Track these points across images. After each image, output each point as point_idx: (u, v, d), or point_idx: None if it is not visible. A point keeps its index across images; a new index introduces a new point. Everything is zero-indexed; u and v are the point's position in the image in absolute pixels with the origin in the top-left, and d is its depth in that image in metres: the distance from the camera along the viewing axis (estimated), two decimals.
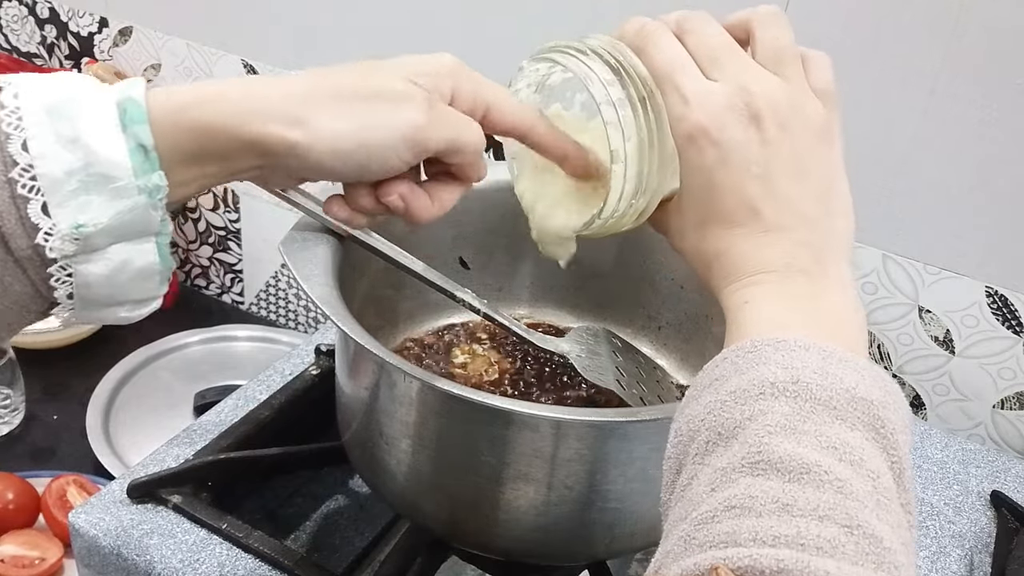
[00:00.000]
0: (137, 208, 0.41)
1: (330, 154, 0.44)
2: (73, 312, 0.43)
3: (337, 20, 0.99)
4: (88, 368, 1.04)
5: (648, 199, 0.47)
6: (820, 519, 0.31)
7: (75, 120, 0.39)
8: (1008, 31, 0.72)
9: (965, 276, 0.81)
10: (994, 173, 0.77)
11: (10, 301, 0.41)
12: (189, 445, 0.72)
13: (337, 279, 0.56)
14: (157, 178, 0.41)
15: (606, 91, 0.44)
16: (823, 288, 0.41)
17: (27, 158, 0.39)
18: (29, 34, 1.24)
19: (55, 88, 0.40)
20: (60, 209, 0.39)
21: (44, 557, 0.85)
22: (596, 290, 0.76)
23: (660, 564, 0.33)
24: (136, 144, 0.40)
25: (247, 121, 0.42)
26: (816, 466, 0.32)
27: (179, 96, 0.42)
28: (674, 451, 0.39)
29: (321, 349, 0.81)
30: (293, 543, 0.74)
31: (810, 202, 0.42)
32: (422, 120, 0.45)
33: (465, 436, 0.55)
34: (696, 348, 0.73)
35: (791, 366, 0.36)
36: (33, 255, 0.40)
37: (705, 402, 0.37)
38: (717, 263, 0.43)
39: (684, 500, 0.35)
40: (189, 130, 0.42)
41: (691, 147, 0.43)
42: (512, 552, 0.60)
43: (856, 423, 0.35)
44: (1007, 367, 0.83)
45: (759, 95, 0.42)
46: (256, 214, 1.17)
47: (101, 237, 0.40)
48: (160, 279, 0.44)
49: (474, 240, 0.73)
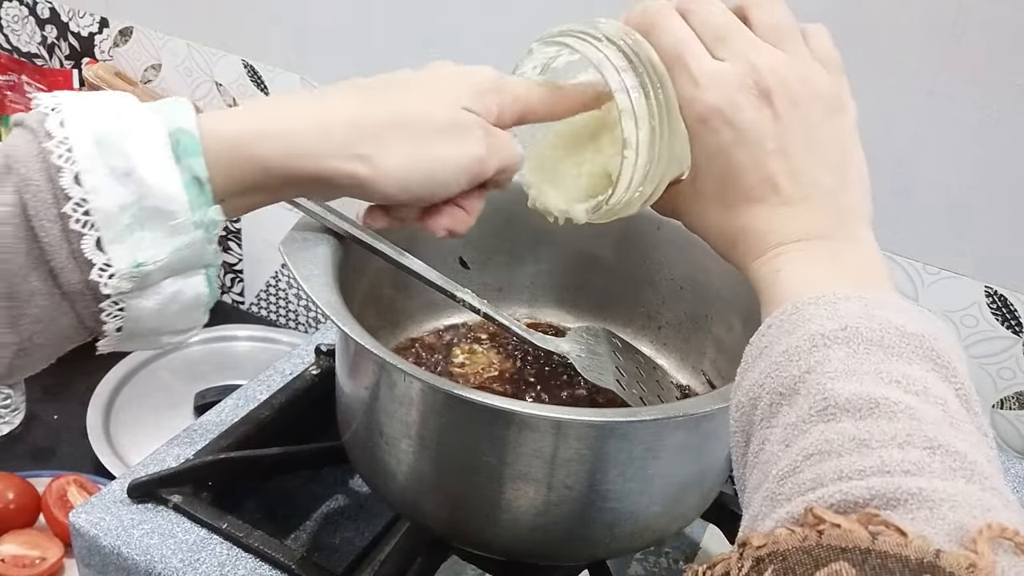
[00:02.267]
0: (194, 244, 0.40)
1: (395, 188, 0.44)
2: (117, 343, 0.42)
3: (337, 20, 0.99)
4: (88, 368, 1.04)
5: (655, 185, 0.47)
6: (900, 446, 0.31)
7: (127, 152, 0.38)
8: (1007, 31, 0.72)
9: (964, 276, 0.81)
10: (994, 173, 0.77)
11: (53, 335, 0.40)
12: (189, 445, 0.72)
13: (337, 279, 0.56)
14: (213, 212, 0.40)
15: (620, 78, 0.44)
16: (848, 248, 0.42)
17: (80, 192, 0.37)
18: (29, 34, 1.24)
19: (102, 114, 0.39)
20: (115, 245, 0.38)
21: (44, 557, 0.85)
22: (596, 290, 0.76)
23: (749, 529, 0.32)
24: (191, 177, 0.39)
25: (309, 158, 0.42)
26: (884, 399, 0.32)
27: (233, 126, 0.41)
28: (738, 424, 0.38)
29: (321, 349, 0.81)
30: (293, 543, 0.74)
31: (827, 171, 0.43)
32: (482, 153, 0.45)
33: (465, 436, 0.55)
34: (696, 348, 0.73)
35: (836, 316, 0.36)
36: (84, 290, 0.39)
37: (760, 369, 0.37)
38: (741, 240, 0.44)
39: (760, 464, 0.35)
40: (247, 163, 0.41)
41: (705, 128, 0.43)
42: (512, 552, 0.60)
43: (913, 357, 0.35)
44: (1006, 367, 0.83)
45: (768, 72, 0.42)
46: (256, 214, 1.16)
47: (158, 274, 0.40)
48: (206, 309, 0.44)
49: (474, 240, 0.73)
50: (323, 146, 0.42)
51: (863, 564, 0.27)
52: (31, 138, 0.38)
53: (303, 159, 0.42)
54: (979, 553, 0.26)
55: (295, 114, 0.43)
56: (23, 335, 0.39)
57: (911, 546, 0.27)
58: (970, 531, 0.27)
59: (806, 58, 0.43)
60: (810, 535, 0.28)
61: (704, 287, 0.70)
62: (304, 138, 0.42)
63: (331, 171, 0.42)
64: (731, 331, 0.69)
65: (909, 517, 0.28)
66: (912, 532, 0.27)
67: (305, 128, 0.43)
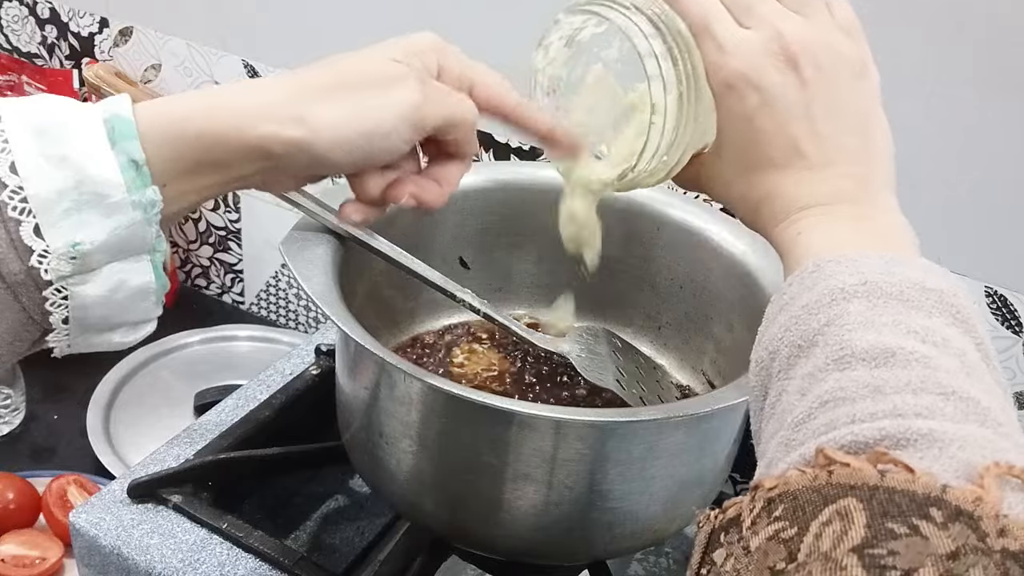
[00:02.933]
0: (133, 224, 0.40)
1: (333, 145, 0.44)
2: (68, 338, 0.43)
3: (337, 20, 0.99)
4: (88, 368, 1.04)
5: (680, 154, 0.47)
6: (914, 392, 0.31)
7: (63, 139, 0.39)
8: (1008, 31, 0.72)
9: (964, 276, 0.81)
10: (994, 173, 0.77)
11: (2, 330, 0.40)
12: (189, 445, 0.72)
13: (337, 279, 0.56)
14: (151, 193, 0.40)
15: (648, 44, 0.44)
16: (871, 212, 0.42)
17: (16, 180, 0.38)
18: (29, 34, 1.24)
19: (39, 109, 0.40)
20: (53, 229, 0.39)
21: (44, 557, 0.85)
22: (596, 290, 0.76)
23: (762, 475, 0.33)
24: (127, 160, 0.40)
25: (245, 126, 0.42)
26: (900, 348, 0.33)
27: (168, 109, 0.42)
28: (757, 378, 0.39)
29: (321, 349, 0.81)
30: (293, 543, 0.74)
31: (851, 136, 0.43)
32: (418, 98, 0.45)
33: (465, 436, 0.55)
34: (696, 348, 0.73)
35: (857, 272, 0.36)
36: (26, 279, 0.39)
37: (780, 323, 0.38)
38: (766, 205, 0.44)
39: (776, 415, 0.35)
40: (186, 139, 0.41)
41: (731, 94, 0.43)
42: (512, 552, 0.60)
43: (932, 311, 0.35)
44: (1007, 367, 0.83)
45: (793, 38, 0.42)
46: (256, 214, 1.17)
47: (97, 255, 0.40)
48: (156, 299, 0.44)
49: (474, 240, 0.73)
50: (259, 112, 0.43)
51: (870, 500, 0.27)
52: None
53: (239, 128, 0.42)
54: (985, 488, 0.27)
55: (233, 91, 0.44)
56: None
57: (918, 482, 0.27)
58: (978, 469, 0.28)
59: (830, 25, 0.44)
60: (820, 475, 0.29)
61: (704, 287, 0.70)
62: (239, 108, 0.43)
63: (268, 137, 0.43)
64: (731, 331, 0.69)
65: (918, 456, 0.28)
66: (920, 469, 0.27)
67: (242, 100, 0.43)
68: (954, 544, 0.25)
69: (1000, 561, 0.25)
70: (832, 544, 0.26)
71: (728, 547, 0.30)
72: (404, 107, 0.45)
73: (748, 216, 0.46)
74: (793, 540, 0.27)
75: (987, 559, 0.25)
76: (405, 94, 0.45)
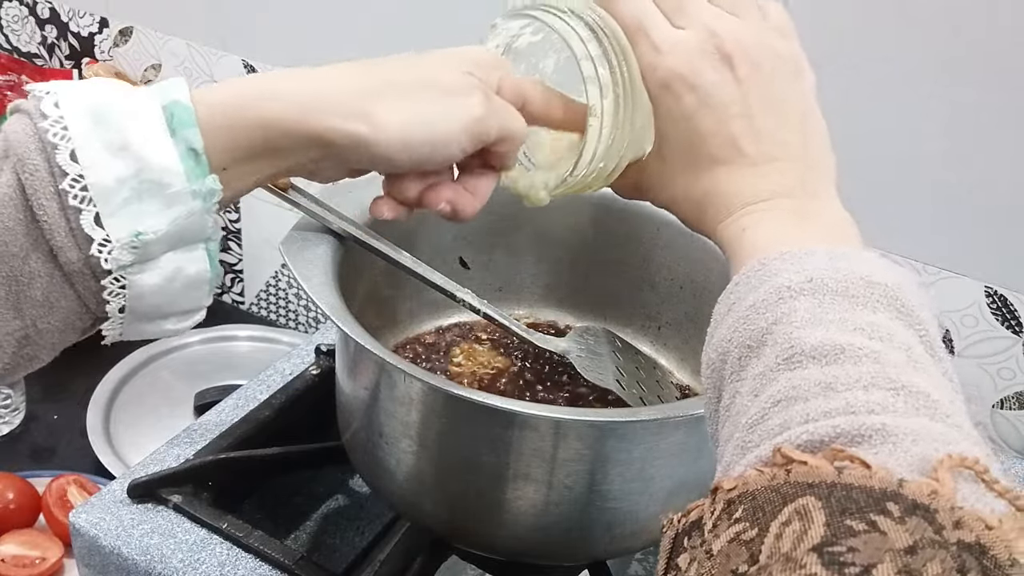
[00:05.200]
0: (192, 214, 0.40)
1: (395, 145, 0.44)
2: (122, 326, 0.42)
3: (337, 20, 0.99)
4: (88, 368, 1.04)
5: (617, 160, 0.47)
6: (865, 388, 0.31)
7: (123, 127, 0.38)
8: (1008, 31, 0.72)
9: (964, 276, 0.81)
10: (994, 173, 0.77)
11: (56, 319, 0.40)
12: (189, 445, 0.72)
13: (337, 279, 0.56)
14: (211, 182, 0.40)
15: (585, 47, 0.45)
16: (814, 207, 0.42)
17: (77, 168, 0.38)
18: (29, 34, 1.24)
19: (96, 94, 0.39)
20: (114, 219, 0.38)
21: (44, 557, 0.85)
22: (596, 290, 0.76)
23: (720, 478, 0.33)
24: (187, 148, 0.39)
25: (310, 116, 0.42)
26: (849, 345, 0.33)
27: (226, 95, 0.42)
28: (709, 381, 0.39)
29: (321, 349, 0.81)
30: (293, 543, 0.74)
31: (790, 132, 0.43)
32: (482, 111, 0.45)
33: (465, 436, 0.55)
34: (696, 348, 0.72)
35: (802, 269, 0.36)
36: (84, 268, 0.39)
37: (728, 324, 0.38)
38: (708, 204, 0.44)
39: (731, 417, 0.36)
40: (247, 125, 0.41)
41: (668, 95, 0.44)
42: (512, 552, 0.60)
43: (877, 306, 0.35)
44: (1006, 367, 0.83)
45: (728, 37, 0.43)
46: (256, 214, 1.17)
47: (158, 245, 0.40)
48: (209, 287, 0.44)
49: (474, 240, 0.73)
50: (324, 104, 0.43)
51: (828, 497, 0.27)
52: (27, 121, 0.38)
53: (304, 117, 0.42)
54: (940, 481, 0.27)
55: (296, 78, 0.44)
56: (26, 320, 0.39)
57: (875, 477, 0.27)
58: (932, 462, 0.28)
59: (763, 26, 0.44)
60: (778, 474, 0.29)
61: (704, 287, 0.70)
62: (305, 97, 0.42)
63: (332, 130, 0.42)
64: None
65: (873, 452, 0.29)
66: (876, 464, 0.28)
67: (306, 88, 0.43)
68: (911, 538, 0.25)
69: (956, 553, 0.25)
70: (792, 545, 0.26)
71: (691, 551, 0.31)
72: (469, 119, 0.45)
73: (692, 217, 0.46)
74: (754, 541, 0.28)
75: (944, 552, 0.25)
76: (473, 108, 0.45)
